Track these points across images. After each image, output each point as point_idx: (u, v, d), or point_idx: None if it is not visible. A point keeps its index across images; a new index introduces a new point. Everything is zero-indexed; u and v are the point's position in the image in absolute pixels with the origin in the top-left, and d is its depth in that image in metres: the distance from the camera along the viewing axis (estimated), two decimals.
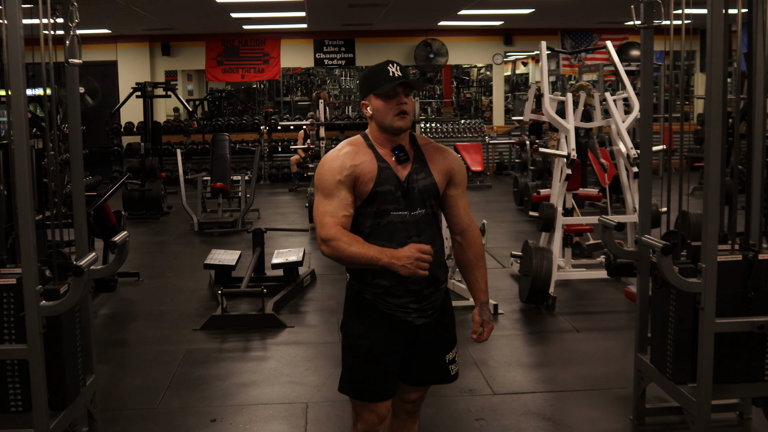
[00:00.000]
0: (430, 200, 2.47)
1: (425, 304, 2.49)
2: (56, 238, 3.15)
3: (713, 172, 2.99)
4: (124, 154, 12.97)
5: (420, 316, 2.50)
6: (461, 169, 2.55)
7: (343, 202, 2.40)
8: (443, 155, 2.52)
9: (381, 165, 2.42)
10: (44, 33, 2.98)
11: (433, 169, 2.48)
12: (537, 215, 6.39)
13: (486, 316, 2.55)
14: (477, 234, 2.55)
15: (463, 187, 2.55)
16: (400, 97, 2.38)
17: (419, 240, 2.41)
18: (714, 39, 2.95)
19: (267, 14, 11.44)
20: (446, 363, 2.62)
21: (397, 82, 2.35)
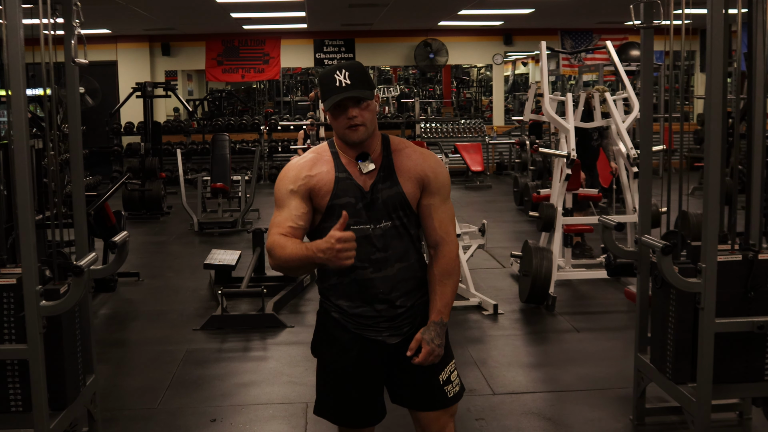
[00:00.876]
0: (397, 211, 2.24)
1: (399, 321, 2.29)
2: (56, 238, 3.15)
3: (713, 172, 2.99)
4: (124, 154, 12.97)
5: (393, 334, 2.29)
6: (439, 175, 2.28)
7: (293, 212, 2.24)
8: (416, 161, 2.27)
9: (339, 176, 2.24)
10: (44, 33, 2.98)
11: (401, 176, 2.25)
12: (537, 215, 6.39)
13: (428, 336, 2.23)
14: (450, 250, 2.28)
15: (441, 196, 2.28)
16: (348, 110, 2.16)
17: (384, 255, 2.23)
18: (714, 39, 2.95)
19: (267, 14, 11.44)
20: (440, 385, 2.35)
21: (339, 97, 2.13)
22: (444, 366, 2.34)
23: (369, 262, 2.24)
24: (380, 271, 2.25)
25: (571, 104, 6.09)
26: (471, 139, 13.71)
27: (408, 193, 2.25)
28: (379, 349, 2.30)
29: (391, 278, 2.25)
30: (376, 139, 2.26)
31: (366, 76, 2.20)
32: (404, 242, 2.27)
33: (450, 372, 2.37)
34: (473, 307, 5.57)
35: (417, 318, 2.31)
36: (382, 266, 2.25)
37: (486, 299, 5.53)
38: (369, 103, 2.19)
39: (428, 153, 2.33)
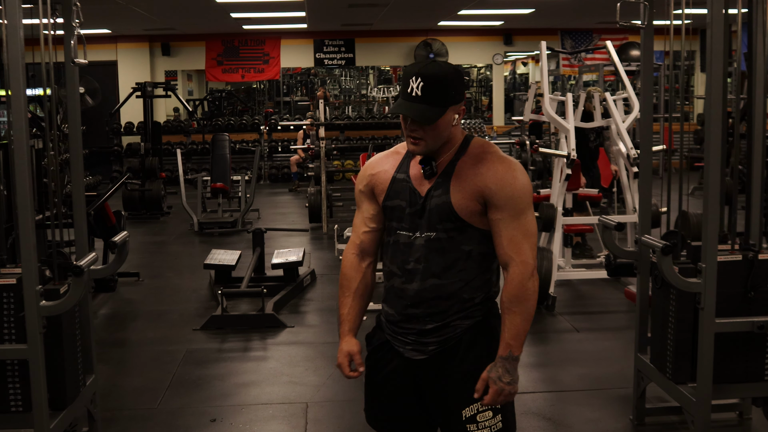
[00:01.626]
0: (443, 222, 2.04)
1: (425, 338, 2.11)
2: (56, 238, 3.15)
3: (713, 172, 2.99)
4: (124, 154, 12.97)
5: (416, 349, 2.12)
6: (505, 187, 2.02)
7: (365, 215, 2.19)
8: (480, 170, 2.04)
9: (397, 176, 2.12)
10: (44, 33, 2.98)
11: (455, 185, 2.04)
12: (537, 215, 6.39)
13: (494, 375, 2.00)
14: (519, 272, 2.02)
15: (509, 211, 2.02)
16: (409, 123, 2.03)
17: (419, 267, 2.07)
18: (714, 39, 2.95)
19: (267, 14, 11.44)
20: (462, 420, 2.08)
21: (398, 111, 2.02)
22: (472, 401, 2.06)
23: (402, 271, 2.11)
24: (410, 283, 2.09)
25: (571, 104, 6.09)
26: None
27: (457, 203, 2.03)
28: (403, 362, 2.15)
29: (418, 293, 2.08)
30: (448, 146, 2.08)
31: (442, 89, 2.00)
32: (448, 257, 2.06)
33: (479, 411, 2.07)
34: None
35: (450, 340, 2.10)
36: (413, 278, 2.09)
37: None
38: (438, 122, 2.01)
39: (504, 162, 2.06)
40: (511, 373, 2.02)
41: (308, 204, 8.86)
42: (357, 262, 2.21)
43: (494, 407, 2.08)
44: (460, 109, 2.06)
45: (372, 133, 13.63)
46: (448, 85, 2.01)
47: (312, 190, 9.04)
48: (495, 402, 2.02)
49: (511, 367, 2.02)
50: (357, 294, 2.20)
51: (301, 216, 9.68)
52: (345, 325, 2.19)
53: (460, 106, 2.06)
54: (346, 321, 2.20)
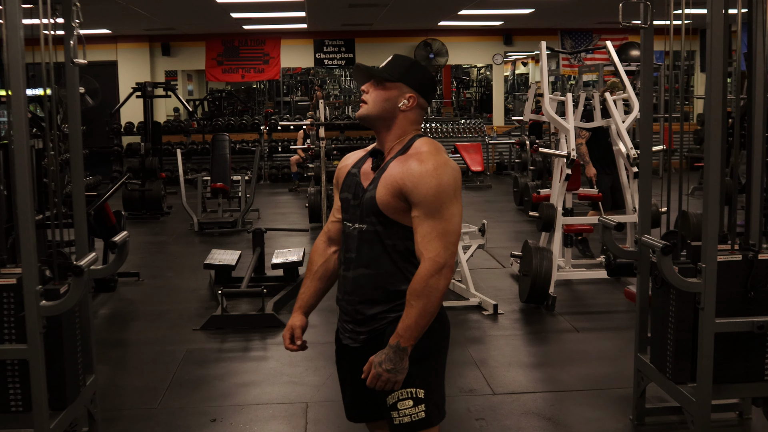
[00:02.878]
0: (370, 216, 2.15)
1: (359, 327, 2.22)
2: (56, 238, 3.15)
3: (713, 172, 2.99)
4: (124, 154, 12.97)
5: (351, 338, 2.25)
6: (420, 186, 2.07)
7: (335, 206, 2.35)
8: (403, 168, 2.12)
9: (351, 170, 2.27)
10: (44, 33, 2.98)
11: (382, 182, 2.14)
12: (537, 215, 6.39)
13: (377, 360, 2.09)
14: (425, 268, 2.06)
15: (424, 209, 2.08)
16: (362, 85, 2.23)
17: (353, 257, 2.20)
18: (714, 39, 2.95)
19: (267, 14, 11.44)
20: (386, 407, 2.18)
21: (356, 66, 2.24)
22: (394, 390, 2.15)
23: (343, 260, 2.26)
24: (348, 271, 2.23)
25: (571, 104, 6.09)
26: (471, 139, 13.71)
27: (380, 199, 2.13)
28: (343, 347, 2.31)
29: (353, 281, 2.21)
30: (392, 137, 2.21)
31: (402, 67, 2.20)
32: (374, 250, 2.16)
33: (399, 399, 2.16)
34: (473, 307, 5.57)
35: (377, 331, 2.19)
36: (349, 267, 2.22)
37: (486, 299, 5.53)
38: (386, 86, 2.17)
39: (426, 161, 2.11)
40: (393, 362, 2.08)
41: (308, 204, 8.86)
42: (323, 248, 2.38)
43: (416, 397, 2.16)
44: (411, 95, 2.18)
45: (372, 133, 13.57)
46: (408, 66, 2.21)
47: (312, 190, 9.04)
48: (372, 385, 2.11)
49: (395, 357, 2.08)
50: (316, 276, 2.36)
51: (301, 216, 9.68)
52: (297, 302, 2.38)
53: (412, 93, 2.18)
54: (299, 299, 2.38)
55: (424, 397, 2.16)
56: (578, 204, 7.31)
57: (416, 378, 2.16)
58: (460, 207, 2.13)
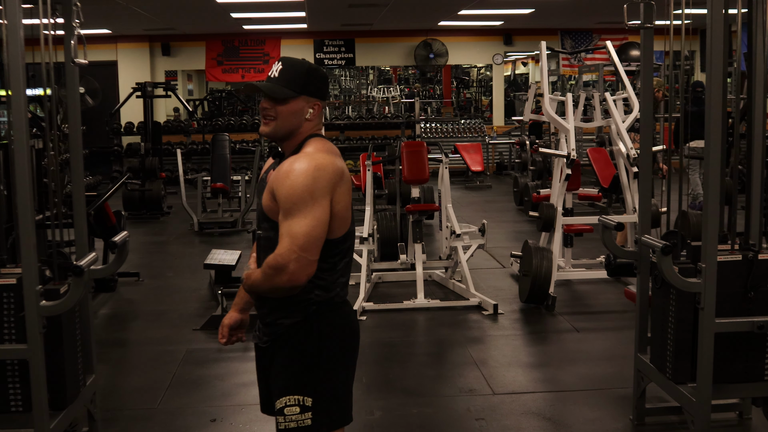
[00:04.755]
0: (263, 222, 2.17)
1: (263, 330, 2.27)
2: (56, 238, 3.15)
3: (713, 172, 2.99)
4: (124, 154, 12.96)
5: (258, 338, 2.31)
6: (280, 187, 2.06)
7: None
8: (280, 168, 2.10)
9: (264, 175, 2.27)
10: (44, 33, 2.98)
11: (267, 186, 2.14)
12: (537, 215, 6.39)
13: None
14: (268, 259, 2.06)
15: (283, 210, 2.04)
16: (263, 100, 2.15)
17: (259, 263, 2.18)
18: (714, 39, 2.95)
19: (267, 14, 11.44)
20: (274, 411, 2.22)
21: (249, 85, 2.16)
22: (281, 395, 2.19)
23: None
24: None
25: (571, 104, 6.09)
26: (471, 139, 13.71)
27: (265, 204, 2.14)
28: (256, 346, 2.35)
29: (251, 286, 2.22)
30: (294, 142, 2.17)
31: (297, 77, 2.13)
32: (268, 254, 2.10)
33: (286, 405, 2.16)
34: (473, 307, 5.57)
35: (274, 335, 2.21)
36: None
37: (486, 299, 5.53)
38: (290, 102, 2.12)
39: (293, 162, 2.08)
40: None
41: None
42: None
43: (303, 404, 2.16)
44: (315, 104, 2.16)
45: (372, 133, 13.63)
46: (305, 75, 2.15)
47: None
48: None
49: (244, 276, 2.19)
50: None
51: None
52: (234, 299, 2.43)
53: (316, 101, 2.17)
54: (236, 296, 2.42)
55: (311, 406, 2.16)
56: (578, 204, 7.32)
57: (305, 386, 2.17)
58: (320, 210, 2.04)
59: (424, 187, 7.16)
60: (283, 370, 2.20)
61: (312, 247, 2.04)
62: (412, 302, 5.60)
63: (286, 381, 2.19)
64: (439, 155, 6.34)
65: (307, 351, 2.17)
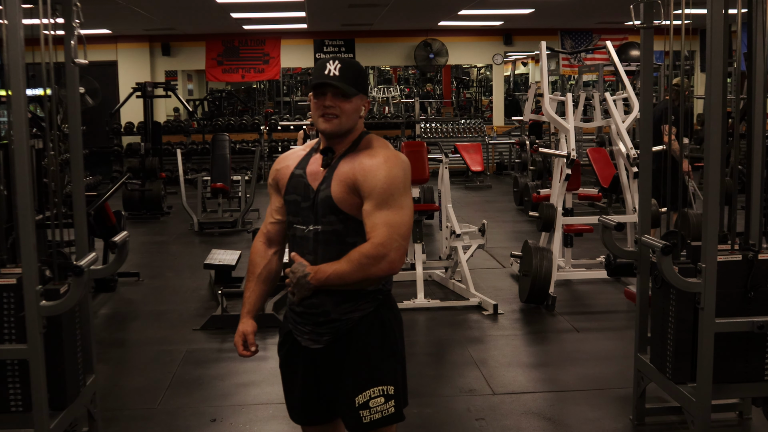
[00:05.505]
0: (327, 216, 2.15)
1: (320, 329, 2.21)
2: (56, 238, 3.15)
3: (713, 172, 2.99)
4: (124, 154, 12.97)
5: (312, 339, 2.23)
6: (369, 176, 2.11)
7: (272, 207, 2.34)
8: (355, 162, 2.15)
9: (295, 172, 2.24)
10: (44, 33, 2.98)
11: (335, 179, 2.16)
12: (537, 215, 6.39)
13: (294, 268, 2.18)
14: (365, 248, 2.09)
15: (374, 200, 2.10)
16: (326, 97, 2.15)
17: (312, 260, 2.16)
18: (714, 39, 2.95)
19: (267, 14, 11.44)
20: (355, 407, 2.20)
21: (320, 81, 2.14)
22: (364, 388, 2.20)
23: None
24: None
25: (571, 104, 6.09)
26: (471, 139, 13.71)
27: (336, 196, 2.14)
28: (302, 349, 2.27)
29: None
30: (348, 138, 2.21)
31: (357, 77, 2.19)
32: (332, 250, 2.15)
33: (371, 397, 2.19)
34: (473, 307, 5.57)
35: (341, 331, 2.20)
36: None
37: (486, 299, 5.53)
38: (352, 100, 2.16)
39: (377, 155, 2.16)
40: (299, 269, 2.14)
41: None
42: (263, 249, 2.36)
43: (387, 393, 2.21)
44: (367, 102, 2.23)
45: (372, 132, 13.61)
46: (360, 73, 2.22)
47: None
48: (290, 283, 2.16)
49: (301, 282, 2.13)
50: (260, 279, 2.34)
51: None
52: (245, 307, 2.35)
53: (367, 100, 2.24)
54: (246, 303, 2.35)
55: (393, 393, 2.22)
56: (578, 204, 7.32)
57: (386, 374, 2.22)
58: (410, 200, 2.16)
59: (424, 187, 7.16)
60: (360, 363, 2.21)
61: (408, 236, 2.15)
62: (412, 302, 5.59)
63: (368, 373, 2.20)
64: (439, 155, 6.34)
65: (381, 341, 2.22)
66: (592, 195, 6.82)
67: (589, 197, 6.87)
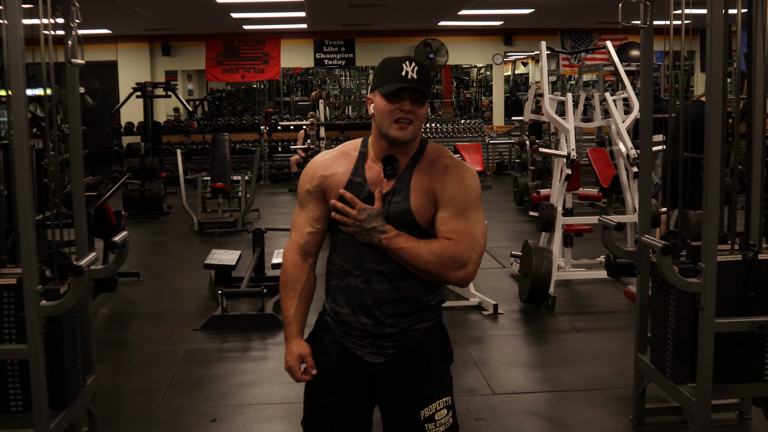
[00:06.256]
0: (402, 229, 2.02)
1: (384, 341, 2.08)
2: (56, 238, 3.15)
3: (713, 172, 2.99)
4: (124, 154, 12.97)
5: (375, 353, 2.09)
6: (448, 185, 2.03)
7: (310, 215, 2.14)
8: (433, 173, 2.04)
9: (353, 179, 2.07)
10: (44, 33, 2.98)
11: (414, 191, 2.04)
12: (537, 215, 6.39)
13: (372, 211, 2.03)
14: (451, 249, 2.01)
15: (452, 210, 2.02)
16: (404, 102, 1.99)
17: (377, 268, 2.04)
18: (714, 39, 2.95)
19: (267, 14, 11.44)
20: (420, 420, 2.10)
21: (404, 85, 1.97)
22: (430, 402, 2.12)
23: (360, 271, 2.07)
24: (370, 283, 2.05)
25: (571, 104, 6.09)
26: (471, 139, 13.71)
27: (417, 211, 2.03)
28: (359, 363, 2.11)
29: (380, 293, 2.05)
30: (412, 146, 2.08)
31: (431, 80, 2.08)
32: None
33: (437, 410, 2.12)
34: (473, 307, 5.57)
35: (408, 343, 2.09)
36: (374, 279, 2.05)
37: (486, 299, 5.53)
38: (425, 106, 2.04)
39: (455, 165, 2.07)
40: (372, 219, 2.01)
41: None
42: (300, 262, 2.18)
43: (449, 405, 2.15)
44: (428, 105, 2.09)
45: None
46: (431, 77, 2.09)
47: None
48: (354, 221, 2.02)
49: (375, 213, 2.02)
50: (302, 295, 2.19)
51: None
52: (293, 327, 2.17)
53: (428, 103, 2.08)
54: (293, 323, 2.17)
55: (452, 404, 2.19)
56: (578, 204, 7.32)
57: (447, 385, 2.18)
58: (483, 215, 2.09)
59: None
60: (427, 376, 2.13)
61: (483, 252, 2.08)
62: None
63: (435, 386, 2.13)
64: None
65: (443, 352, 2.18)
66: (592, 195, 6.81)
67: (589, 197, 6.87)
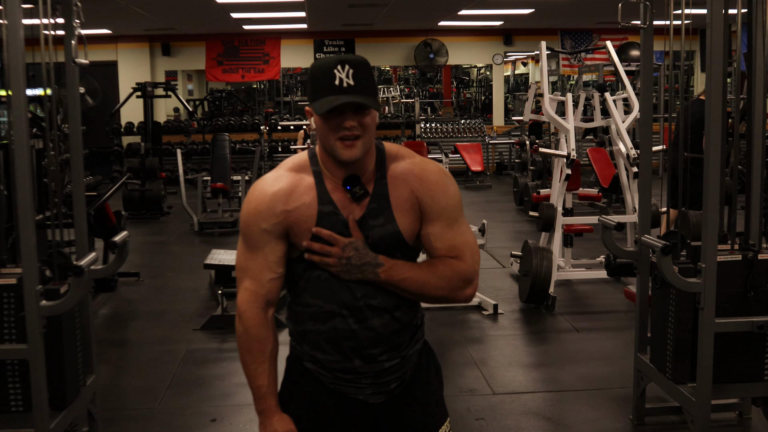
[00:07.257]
0: (395, 254, 1.79)
1: (384, 378, 1.85)
2: (56, 238, 3.15)
3: (713, 172, 2.99)
4: (124, 154, 12.96)
5: (376, 392, 1.86)
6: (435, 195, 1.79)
7: (269, 258, 1.79)
8: (413, 183, 1.79)
9: (322, 210, 1.76)
10: (44, 33, 2.99)
11: (397, 209, 1.78)
12: (537, 215, 6.39)
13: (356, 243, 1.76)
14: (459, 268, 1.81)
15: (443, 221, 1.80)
16: (345, 117, 1.69)
17: (372, 303, 1.78)
18: (714, 39, 2.95)
19: (267, 14, 11.44)
20: None
21: (338, 102, 1.66)
22: (436, 427, 1.94)
23: (351, 310, 1.79)
24: (365, 321, 1.80)
25: (571, 104, 6.09)
26: (471, 139, 13.72)
27: (405, 229, 1.79)
28: (360, 409, 1.87)
29: (378, 329, 1.80)
30: (369, 156, 1.79)
31: (372, 78, 1.75)
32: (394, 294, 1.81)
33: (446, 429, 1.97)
34: (473, 307, 5.57)
35: (407, 371, 1.89)
36: (369, 316, 1.80)
37: (486, 299, 5.53)
38: (371, 112, 1.72)
39: (427, 167, 1.83)
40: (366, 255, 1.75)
41: None
42: (263, 317, 1.84)
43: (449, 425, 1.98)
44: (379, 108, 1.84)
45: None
46: (372, 75, 1.76)
47: None
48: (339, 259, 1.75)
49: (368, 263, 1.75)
50: (272, 358, 1.87)
51: None
52: (269, 400, 1.84)
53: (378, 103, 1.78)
54: (269, 395, 1.84)
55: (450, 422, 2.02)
56: (578, 204, 7.32)
57: (444, 405, 2.01)
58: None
59: None
60: (428, 404, 1.94)
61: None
62: None
63: (438, 410, 1.97)
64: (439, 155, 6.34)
65: (436, 370, 1.99)
66: (592, 195, 6.82)
67: (589, 197, 6.87)
